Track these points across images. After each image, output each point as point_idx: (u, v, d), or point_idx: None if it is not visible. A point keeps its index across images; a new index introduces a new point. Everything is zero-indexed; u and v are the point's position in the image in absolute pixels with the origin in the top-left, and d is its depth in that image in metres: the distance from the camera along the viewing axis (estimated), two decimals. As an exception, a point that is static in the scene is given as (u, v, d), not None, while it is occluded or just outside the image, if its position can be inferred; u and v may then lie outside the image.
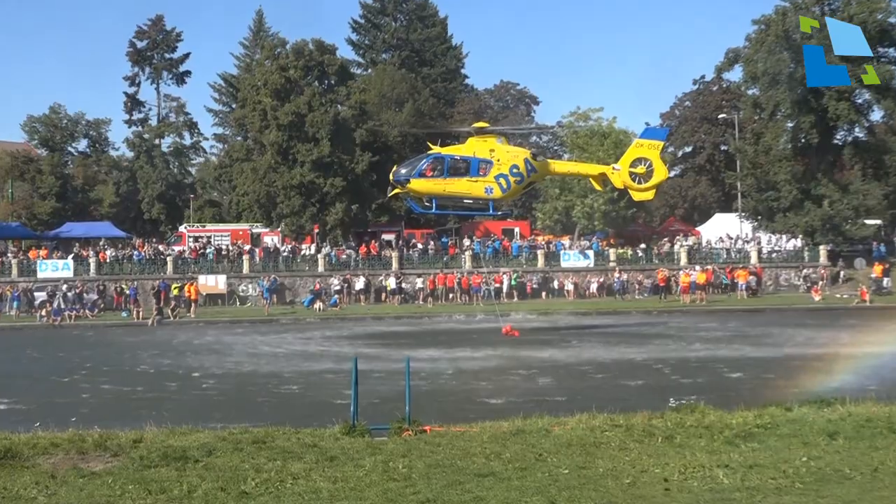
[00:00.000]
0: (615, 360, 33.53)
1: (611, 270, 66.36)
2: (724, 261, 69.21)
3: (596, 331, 45.89)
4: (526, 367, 31.79)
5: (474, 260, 67.80)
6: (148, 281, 63.09)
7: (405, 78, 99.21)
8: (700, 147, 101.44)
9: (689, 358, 33.51)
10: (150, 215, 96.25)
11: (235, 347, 40.87)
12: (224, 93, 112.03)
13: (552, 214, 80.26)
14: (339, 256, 68.74)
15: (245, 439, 14.70)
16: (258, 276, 64.15)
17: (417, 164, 37.11)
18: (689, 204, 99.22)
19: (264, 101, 75.16)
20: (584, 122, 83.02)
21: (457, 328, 49.58)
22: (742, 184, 78.94)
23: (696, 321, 50.11)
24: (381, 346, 39.49)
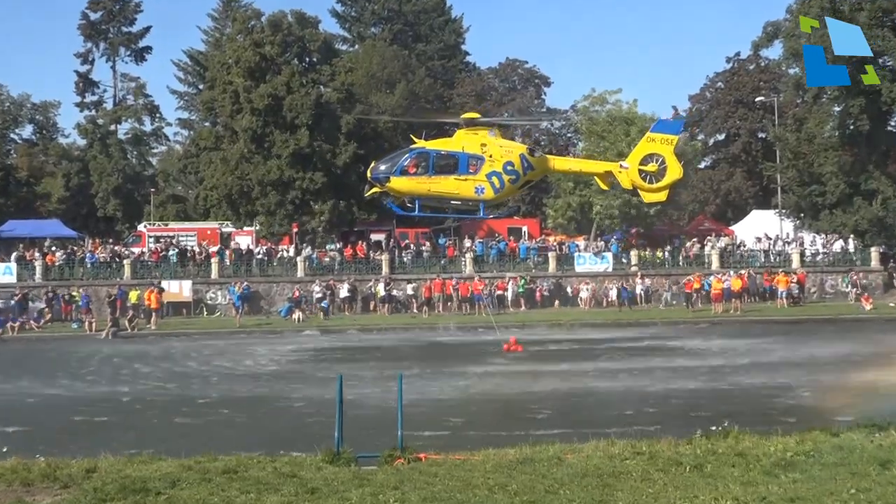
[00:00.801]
0: (634, 378, 33.53)
1: (632, 275, 66.37)
2: (762, 265, 69.21)
3: (613, 345, 45.87)
4: (527, 388, 31.83)
5: (476, 263, 67.80)
6: (102, 287, 63.00)
7: (397, 55, 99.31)
8: (734, 134, 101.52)
9: (718, 377, 33.50)
10: (104, 212, 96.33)
11: (201, 363, 40.90)
12: (190, 72, 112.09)
13: (565, 211, 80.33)
14: (322, 260, 68.71)
15: (214, 469, 14.71)
16: (228, 283, 64.15)
17: (398, 159, 37.13)
18: (721, 199, 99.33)
19: (236, 82, 75.21)
20: (601, 107, 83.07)
21: (451, 342, 49.64)
22: (782, 176, 79.00)
23: (729, 334, 50.09)
24: (365, 362, 39.57)
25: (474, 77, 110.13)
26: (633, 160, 37.79)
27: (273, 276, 66.69)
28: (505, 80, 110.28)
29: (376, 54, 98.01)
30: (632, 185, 38.30)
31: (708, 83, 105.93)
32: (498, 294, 63.78)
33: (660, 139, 37.77)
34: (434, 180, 36.32)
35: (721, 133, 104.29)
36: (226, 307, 63.67)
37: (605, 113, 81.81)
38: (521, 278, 65.10)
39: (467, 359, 40.82)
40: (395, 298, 64.43)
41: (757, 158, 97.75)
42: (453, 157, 36.65)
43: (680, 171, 37.73)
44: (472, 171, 36.50)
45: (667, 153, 37.52)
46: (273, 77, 75.14)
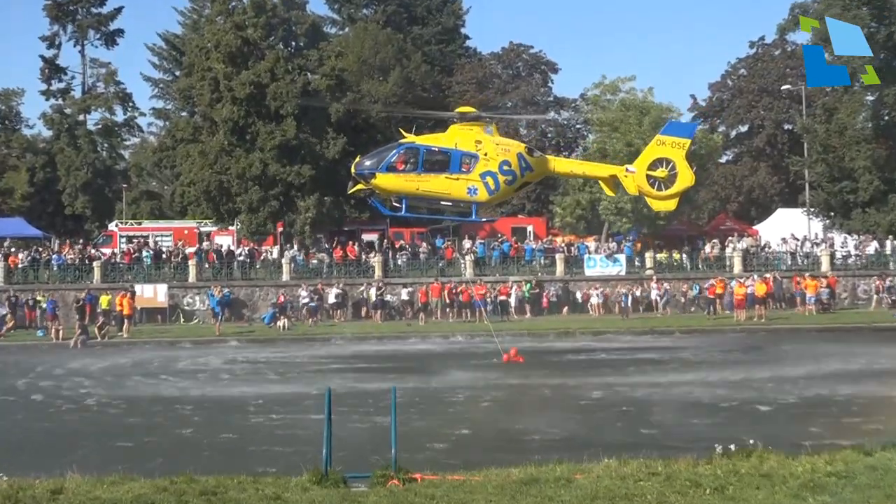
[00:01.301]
0: (646, 391, 33.55)
1: (647, 279, 66.37)
2: (789, 268, 69.22)
3: (626, 356, 45.88)
4: (529, 401, 31.86)
5: (477, 266, 67.80)
6: (70, 292, 62.97)
7: (391, 39, 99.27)
8: (759, 126, 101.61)
9: (740, 391, 33.52)
10: (72, 210, 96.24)
11: (176, 374, 40.93)
12: (165, 57, 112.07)
13: (574, 210, 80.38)
14: (309, 262, 68.68)
15: (191, 490, 14.69)
16: (207, 287, 64.13)
17: (385, 155, 37.09)
18: (744, 197, 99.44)
19: (216, 68, 75.17)
20: (613, 95, 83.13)
21: (446, 351, 49.71)
22: (810, 172, 79.05)
23: (752, 343, 50.12)
24: (355, 373, 39.64)
25: (475, 63, 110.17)
26: (641, 164, 37.81)
27: (256, 280, 66.66)
28: (508, 66, 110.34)
29: (368, 38, 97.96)
30: (638, 190, 38.35)
31: (730, 70, 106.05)
32: (501, 300, 63.77)
33: (670, 143, 37.81)
34: (423, 178, 36.29)
35: (744, 124, 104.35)
36: (204, 314, 63.65)
37: (617, 102, 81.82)
38: (526, 282, 65.07)
39: (463, 370, 40.87)
40: (389, 304, 64.43)
41: (783, 152, 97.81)
42: (445, 153, 36.63)
43: (692, 177, 37.79)
44: (464, 170, 36.47)
45: (678, 158, 37.55)
46: (256, 63, 75.10)
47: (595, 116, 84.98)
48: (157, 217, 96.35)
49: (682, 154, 37.70)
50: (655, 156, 37.73)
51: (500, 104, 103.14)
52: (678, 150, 37.69)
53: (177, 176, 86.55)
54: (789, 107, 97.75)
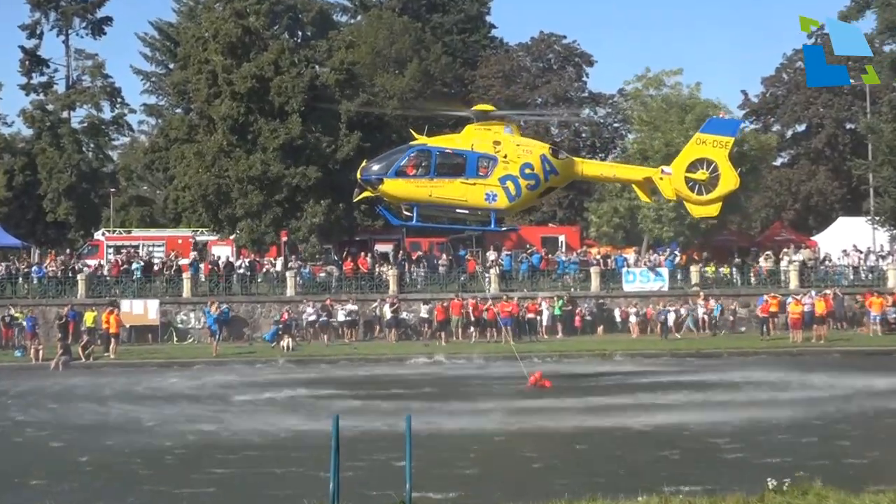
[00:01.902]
0: (691, 421, 33.42)
1: (692, 296, 66.17)
2: (851, 283, 68.89)
3: (666, 379, 45.76)
4: (556, 431, 31.78)
5: (503, 280, 67.72)
6: (51, 307, 63.21)
7: (408, 28, 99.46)
8: (817, 125, 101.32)
9: (796, 421, 33.41)
10: (54, 216, 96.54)
11: (167, 401, 40.89)
12: (158, 48, 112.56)
13: (611, 218, 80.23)
14: (316, 275, 68.72)
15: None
16: (203, 303, 64.22)
17: (394, 158, 37.14)
18: (801, 204, 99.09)
19: (214, 61, 75.43)
20: (657, 90, 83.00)
21: (465, 375, 49.72)
22: (876, 176, 78.72)
23: (810, 368, 49.89)
24: (359, 400, 39.80)
25: (501, 55, 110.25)
26: (679, 166, 37.70)
27: (257, 296, 66.74)
28: (538, 58, 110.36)
29: (383, 27, 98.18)
30: (676, 195, 38.19)
31: (785, 62, 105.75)
32: (529, 318, 63.68)
33: (711, 141, 37.68)
34: (436, 184, 36.29)
35: (801, 123, 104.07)
36: (200, 332, 63.75)
37: (660, 98, 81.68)
38: (558, 299, 64.98)
39: (481, 398, 40.76)
40: (405, 322, 64.42)
41: (844, 154, 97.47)
42: (460, 156, 36.63)
43: (736, 180, 37.65)
44: (482, 174, 36.45)
45: (720, 158, 37.41)
46: (258, 55, 75.31)
47: (635, 113, 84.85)
48: (148, 225, 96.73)
49: (724, 154, 37.57)
50: (695, 156, 37.64)
51: (528, 101, 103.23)
52: (720, 149, 37.55)
53: (170, 179, 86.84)
54: (852, 104, 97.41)
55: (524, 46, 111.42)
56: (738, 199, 75.77)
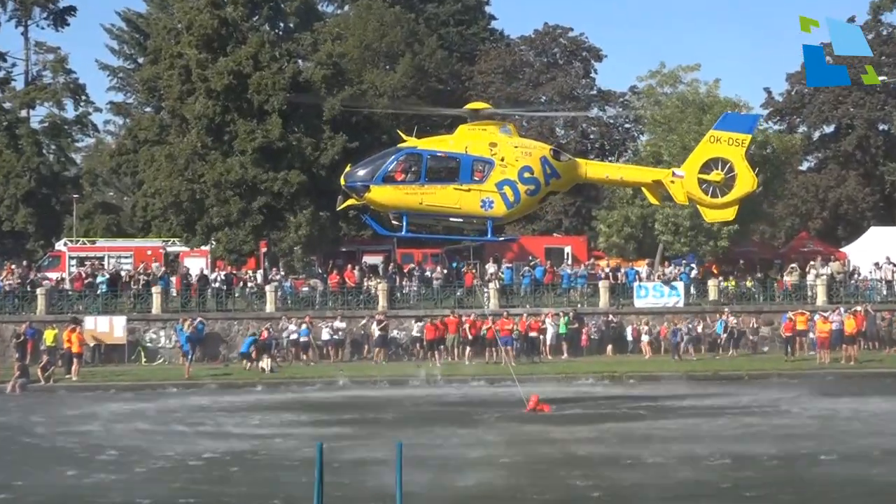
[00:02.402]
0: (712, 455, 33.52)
1: (711, 313, 66.23)
2: (884, 299, 68.96)
3: (682, 405, 45.86)
4: (554, 461, 31.90)
5: (503, 295, 67.76)
6: (8, 325, 63.16)
7: (400, 19, 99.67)
8: (847, 126, 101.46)
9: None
10: (11, 225, 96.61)
11: (135, 432, 40.70)
12: (126, 41, 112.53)
13: (622, 227, 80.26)
14: (299, 289, 68.74)
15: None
16: (174, 319, 64.26)
17: (381, 163, 37.17)
18: (829, 212, 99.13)
19: (187, 55, 75.48)
20: (672, 88, 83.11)
21: (459, 400, 49.87)
22: (911, 182, 78.90)
23: (838, 394, 50.00)
24: (334, 426, 40.17)
25: (502, 49, 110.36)
26: (692, 166, 37.76)
27: (234, 312, 66.78)
28: (542, 52, 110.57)
29: (372, 18, 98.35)
30: (688, 198, 38.25)
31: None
32: (531, 336, 63.72)
33: (726, 139, 37.72)
34: (427, 190, 36.32)
35: (829, 124, 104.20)
36: (171, 351, 63.73)
37: (676, 96, 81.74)
38: (563, 315, 65.03)
39: (470, 424, 40.95)
40: (396, 341, 64.44)
41: (877, 158, 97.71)
42: (453, 159, 36.65)
43: (753, 181, 37.72)
44: (477, 179, 36.50)
45: (736, 158, 37.48)
46: (236, 48, 75.38)
47: (648, 113, 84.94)
48: (115, 234, 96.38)
49: (741, 153, 37.64)
50: (709, 155, 37.70)
51: (531, 99, 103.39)
52: (736, 147, 37.60)
53: (139, 185, 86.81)
54: (885, 102, 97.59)
55: (527, 40, 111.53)
56: (761, 206, 75.94)
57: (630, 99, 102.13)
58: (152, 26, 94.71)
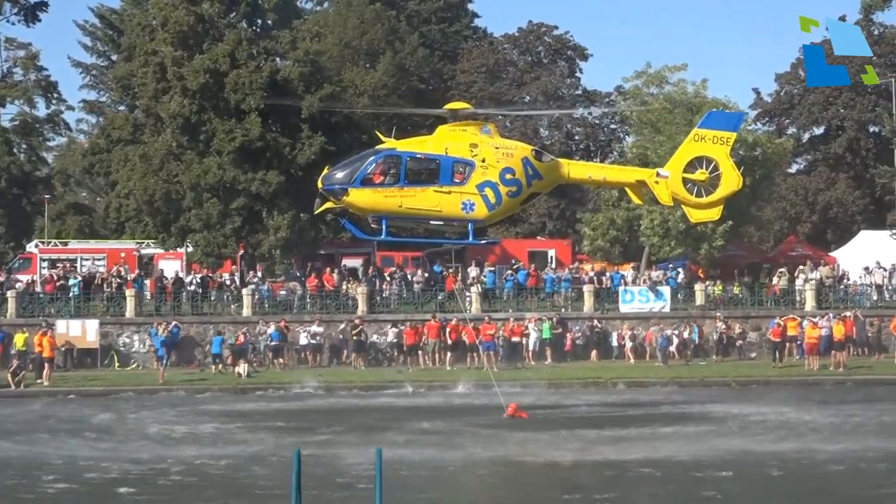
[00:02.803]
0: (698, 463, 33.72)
1: (697, 318, 66.41)
2: (874, 304, 69.15)
3: (668, 412, 46.06)
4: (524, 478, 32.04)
5: (485, 299, 67.81)
6: (-23, 328, 63.14)
7: (381, 16, 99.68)
8: (837, 128, 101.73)
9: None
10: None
11: (105, 440, 40.88)
12: (100, 38, 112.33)
13: (607, 230, 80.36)
14: (276, 293, 68.70)
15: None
16: (149, 323, 64.22)
17: (359, 165, 37.12)
18: (819, 215, 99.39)
19: (162, 52, 75.42)
20: (659, 88, 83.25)
21: (435, 406, 50.11)
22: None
23: (822, 403, 50.25)
24: (297, 434, 40.36)
25: (485, 47, 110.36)
26: (676, 166, 37.91)
27: (210, 315, 66.70)
28: (526, 51, 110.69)
29: (352, 15, 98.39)
30: (672, 199, 38.48)
31: (802, 57, 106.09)
32: (514, 341, 63.79)
33: (711, 137, 37.88)
34: (407, 193, 36.36)
35: (819, 125, 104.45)
36: (145, 356, 63.68)
37: (662, 96, 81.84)
38: (547, 320, 65.10)
39: (443, 432, 41.10)
40: (376, 346, 64.49)
41: (867, 160, 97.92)
42: (433, 161, 36.70)
43: (738, 180, 37.88)
44: (457, 181, 36.55)
45: (721, 156, 37.68)
46: (213, 45, 75.34)
47: (635, 114, 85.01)
48: (88, 236, 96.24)
49: (725, 151, 37.84)
50: (693, 154, 37.85)
51: (515, 98, 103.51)
52: (721, 146, 37.80)
53: (112, 185, 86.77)
54: (876, 104, 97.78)
55: (511, 38, 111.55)
56: (749, 210, 76.11)
57: (616, 99, 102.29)
58: (126, 23, 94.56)
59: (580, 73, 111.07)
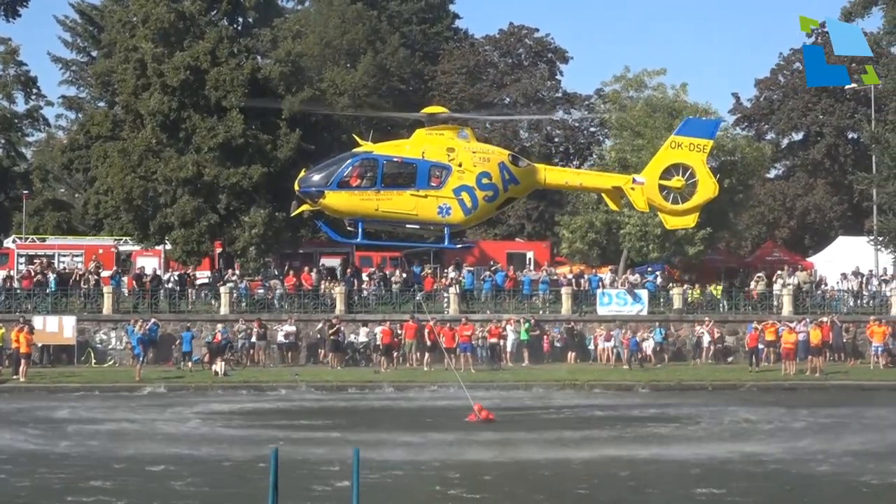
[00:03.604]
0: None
1: (675, 321, 66.58)
2: (851, 310, 69.39)
3: (639, 415, 46.22)
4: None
5: (463, 300, 67.87)
6: (-47, 324, 62.98)
7: (362, 16, 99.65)
8: (816, 134, 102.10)
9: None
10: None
11: (87, 438, 40.71)
12: (80, 34, 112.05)
13: (585, 233, 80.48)
14: (254, 291, 68.67)
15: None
16: (126, 320, 64.10)
17: (336, 168, 37.14)
18: (797, 221, 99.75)
19: (143, 49, 75.29)
20: (637, 92, 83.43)
21: (404, 408, 50.38)
22: (880, 192, 79.35)
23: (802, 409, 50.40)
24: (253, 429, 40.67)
25: (465, 49, 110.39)
26: (652, 172, 38.07)
27: (188, 313, 66.59)
28: (507, 53, 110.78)
29: (333, 15, 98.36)
30: (648, 205, 38.59)
31: (782, 63, 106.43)
32: (492, 342, 63.82)
33: (688, 144, 38.07)
34: (383, 196, 36.46)
35: (798, 131, 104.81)
36: (122, 353, 63.57)
37: (642, 101, 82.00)
38: (525, 322, 65.19)
39: (407, 430, 41.25)
40: (354, 346, 64.46)
41: (846, 166, 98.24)
42: (409, 165, 36.78)
43: (715, 187, 38.06)
44: (434, 185, 36.65)
45: (697, 163, 37.86)
46: (193, 43, 75.23)
47: (614, 118, 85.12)
48: (66, 232, 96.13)
49: (702, 158, 38.02)
50: (670, 161, 38.01)
51: (495, 100, 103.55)
52: (697, 153, 37.96)
53: (91, 181, 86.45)
54: (855, 110, 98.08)
55: (491, 39, 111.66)
56: (727, 215, 76.33)
57: (595, 102, 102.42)
58: (107, 19, 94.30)
59: (560, 75, 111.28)
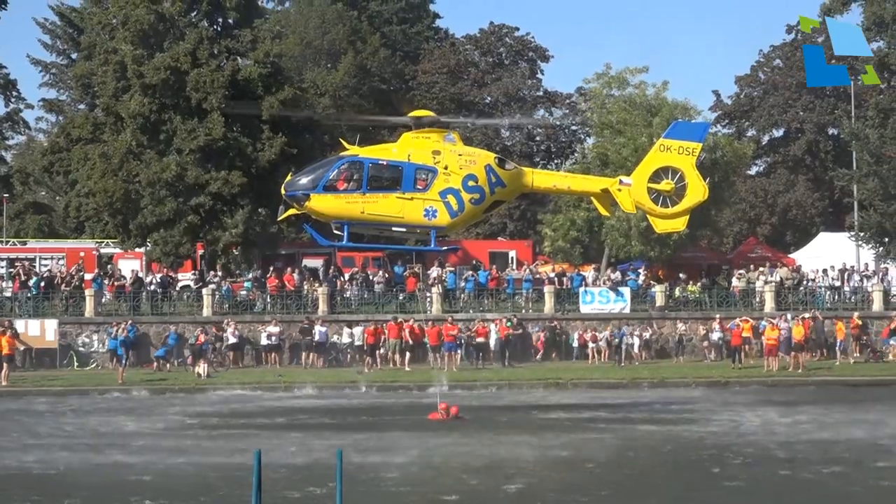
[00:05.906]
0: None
1: (658, 319, 66.63)
2: (834, 305, 69.51)
3: (618, 415, 46.24)
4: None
5: (446, 300, 67.84)
6: (-65, 328, 62.77)
7: (342, 17, 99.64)
8: (797, 130, 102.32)
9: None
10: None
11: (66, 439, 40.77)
12: (60, 36, 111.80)
13: (567, 231, 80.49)
14: (236, 292, 68.52)
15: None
16: (108, 323, 63.96)
17: (322, 171, 37.15)
18: (778, 217, 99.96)
19: (122, 51, 75.09)
20: (619, 90, 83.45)
21: (379, 406, 50.56)
22: (860, 188, 79.47)
23: (784, 403, 50.47)
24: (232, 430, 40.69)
25: (446, 48, 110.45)
26: (641, 175, 38.01)
27: (169, 315, 66.51)
28: (488, 52, 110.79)
29: (314, 15, 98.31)
30: (636, 207, 38.55)
31: (762, 60, 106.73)
32: (476, 342, 63.78)
33: (677, 148, 38.01)
34: (369, 199, 36.46)
35: (778, 128, 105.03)
36: (104, 356, 63.42)
37: (623, 99, 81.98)
38: (507, 321, 65.14)
39: (368, 428, 41.27)
40: (337, 346, 64.40)
41: (826, 163, 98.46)
42: (395, 168, 36.77)
43: (704, 190, 38.02)
44: (420, 188, 36.64)
45: (686, 167, 37.80)
46: (173, 44, 75.08)
47: (595, 116, 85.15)
48: (47, 235, 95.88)
49: (691, 162, 37.94)
50: (659, 164, 37.95)
51: (476, 99, 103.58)
52: (687, 156, 37.88)
53: (72, 184, 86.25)
54: (835, 107, 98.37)
55: (472, 39, 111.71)
56: (709, 211, 76.38)
57: (577, 101, 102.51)
58: (86, 21, 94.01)
59: (541, 74, 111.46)
